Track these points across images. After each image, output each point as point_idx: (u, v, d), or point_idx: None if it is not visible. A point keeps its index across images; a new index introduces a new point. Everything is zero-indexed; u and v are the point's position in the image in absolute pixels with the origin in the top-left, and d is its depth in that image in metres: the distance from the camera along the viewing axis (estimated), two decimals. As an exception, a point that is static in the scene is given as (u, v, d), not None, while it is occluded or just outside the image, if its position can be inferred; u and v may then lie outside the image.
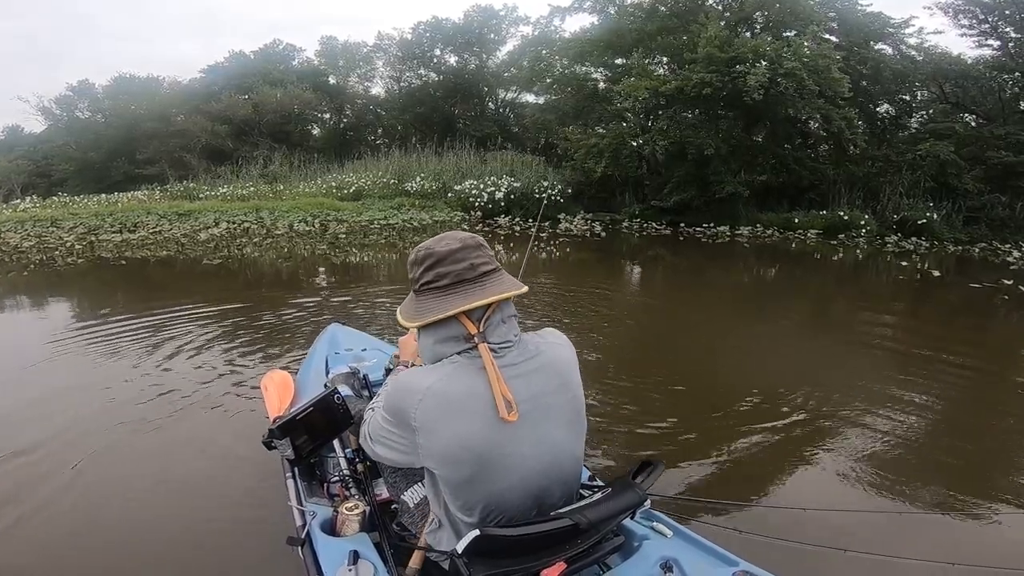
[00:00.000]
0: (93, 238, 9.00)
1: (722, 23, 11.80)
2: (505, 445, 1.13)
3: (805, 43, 11.02)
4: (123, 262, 7.50)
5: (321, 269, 7.56)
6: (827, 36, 12.20)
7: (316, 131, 24.90)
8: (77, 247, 8.37)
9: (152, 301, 5.41)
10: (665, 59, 13.69)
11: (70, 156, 20.91)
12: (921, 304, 7.04)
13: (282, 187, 14.86)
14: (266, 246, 8.86)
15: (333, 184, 14.26)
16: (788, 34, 12.43)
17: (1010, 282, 7.55)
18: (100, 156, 19.75)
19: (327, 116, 24.59)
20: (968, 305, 7.00)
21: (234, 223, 10.12)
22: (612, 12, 13.83)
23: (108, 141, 19.49)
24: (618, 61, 14.43)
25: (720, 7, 12.26)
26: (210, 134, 19.69)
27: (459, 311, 1.14)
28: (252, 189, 14.36)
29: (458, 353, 1.17)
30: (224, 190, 14.26)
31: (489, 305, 1.17)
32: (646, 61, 12.60)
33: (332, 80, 23.79)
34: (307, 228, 10.20)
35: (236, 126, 20.18)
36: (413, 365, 1.49)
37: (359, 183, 13.97)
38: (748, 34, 12.23)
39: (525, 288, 1.20)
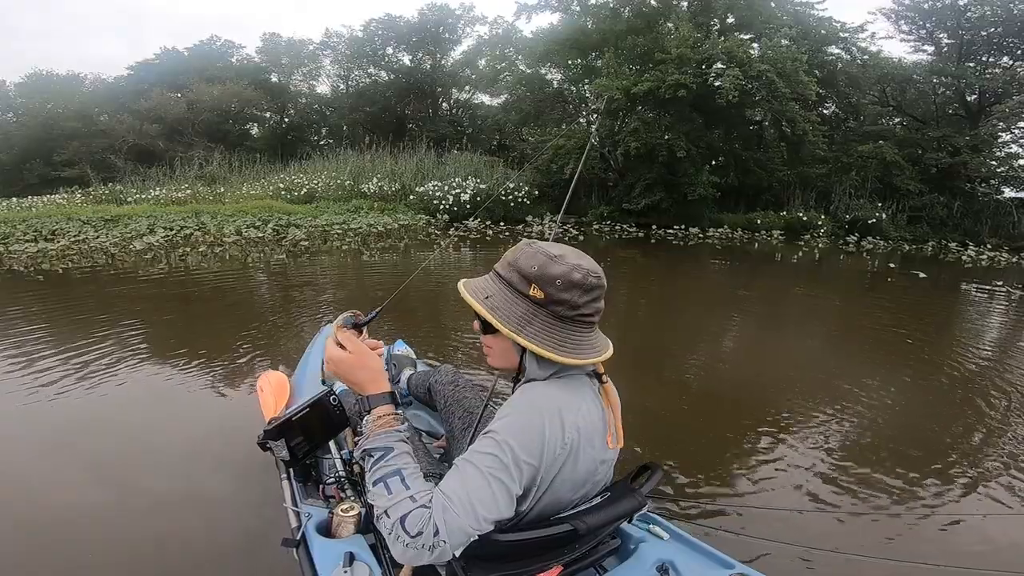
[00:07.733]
0: (2, 248, 7.80)
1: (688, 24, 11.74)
2: (594, 472, 1.11)
3: (772, 46, 11.11)
4: (40, 277, 6.43)
5: (300, 275, 6.86)
6: (784, 41, 12.39)
7: (256, 131, 23.58)
8: (-17, 259, 7.19)
9: (112, 314, 4.87)
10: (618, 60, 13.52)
11: (-26, 158, 18.81)
12: (929, 310, 6.78)
13: (223, 189, 13.73)
14: (215, 255, 7.94)
15: (281, 186, 13.31)
16: (745, 36, 12.58)
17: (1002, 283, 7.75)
18: (11, 157, 18.07)
19: (268, 115, 23.32)
20: (984, 309, 6.97)
21: (172, 229, 9.09)
22: (576, 9, 13.58)
23: (21, 141, 17.87)
24: (578, 61, 14.23)
25: (685, 6, 12.21)
26: (138, 133, 18.19)
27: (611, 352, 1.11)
28: (189, 191, 13.15)
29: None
30: (156, 192, 12.99)
31: None
32: (615, 61, 12.37)
33: (275, 78, 22.57)
34: (259, 234, 9.30)
35: (168, 125, 18.73)
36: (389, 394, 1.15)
37: (311, 184, 13.07)
38: (706, 36, 12.24)
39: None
